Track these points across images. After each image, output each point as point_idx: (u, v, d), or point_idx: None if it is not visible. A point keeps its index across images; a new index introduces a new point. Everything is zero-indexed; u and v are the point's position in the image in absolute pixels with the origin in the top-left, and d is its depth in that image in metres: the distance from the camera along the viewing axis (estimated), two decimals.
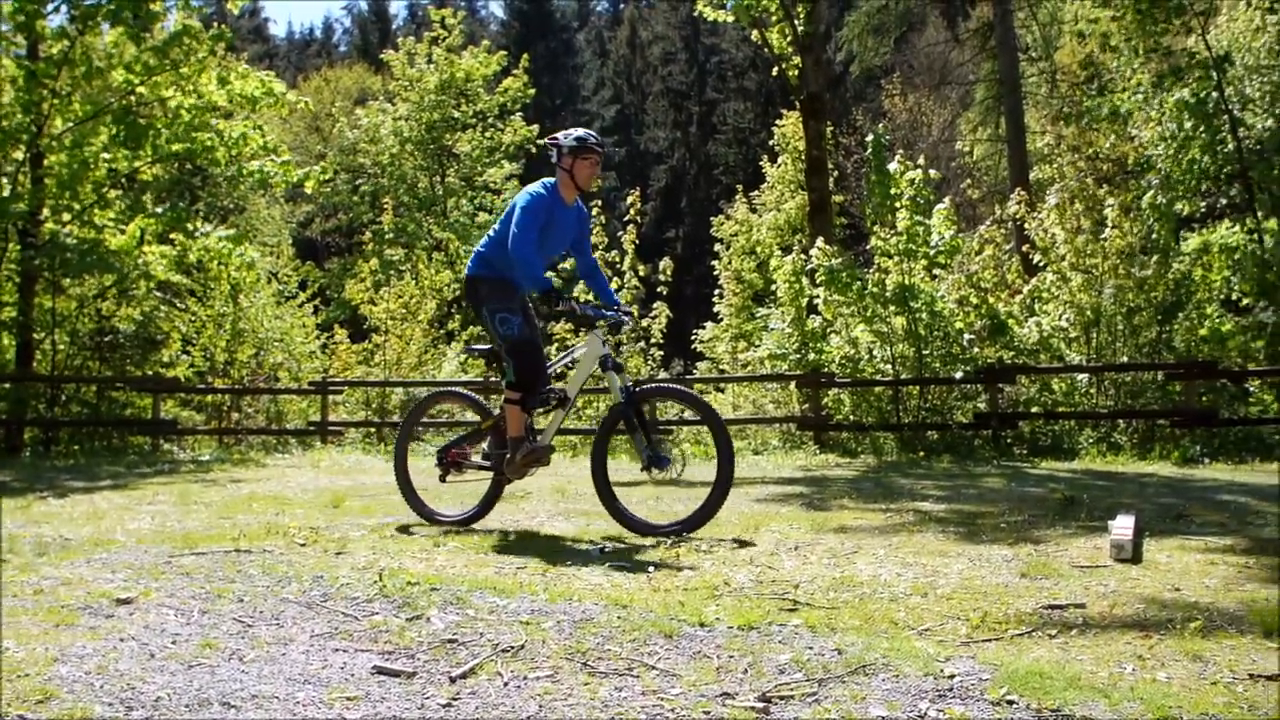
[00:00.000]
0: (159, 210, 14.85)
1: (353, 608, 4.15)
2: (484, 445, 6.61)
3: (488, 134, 28.16)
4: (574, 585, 4.59)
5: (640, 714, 2.95)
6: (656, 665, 3.36)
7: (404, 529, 6.35)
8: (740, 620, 3.85)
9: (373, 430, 15.69)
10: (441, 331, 19.52)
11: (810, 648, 3.51)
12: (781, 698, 3.06)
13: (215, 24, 15.47)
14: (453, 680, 3.24)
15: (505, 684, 3.21)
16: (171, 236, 15.00)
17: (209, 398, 16.55)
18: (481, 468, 6.55)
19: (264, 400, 16.96)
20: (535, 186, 6.30)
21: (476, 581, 4.59)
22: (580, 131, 6.38)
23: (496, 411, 6.51)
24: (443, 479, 6.69)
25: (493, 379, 15.87)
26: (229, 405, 16.53)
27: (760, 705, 2.99)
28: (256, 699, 3.08)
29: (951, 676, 3.20)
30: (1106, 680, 3.18)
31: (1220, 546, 5.29)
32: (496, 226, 6.36)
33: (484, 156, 28.04)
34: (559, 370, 6.86)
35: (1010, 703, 2.98)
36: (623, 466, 8.51)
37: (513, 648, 3.55)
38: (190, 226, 14.58)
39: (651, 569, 4.92)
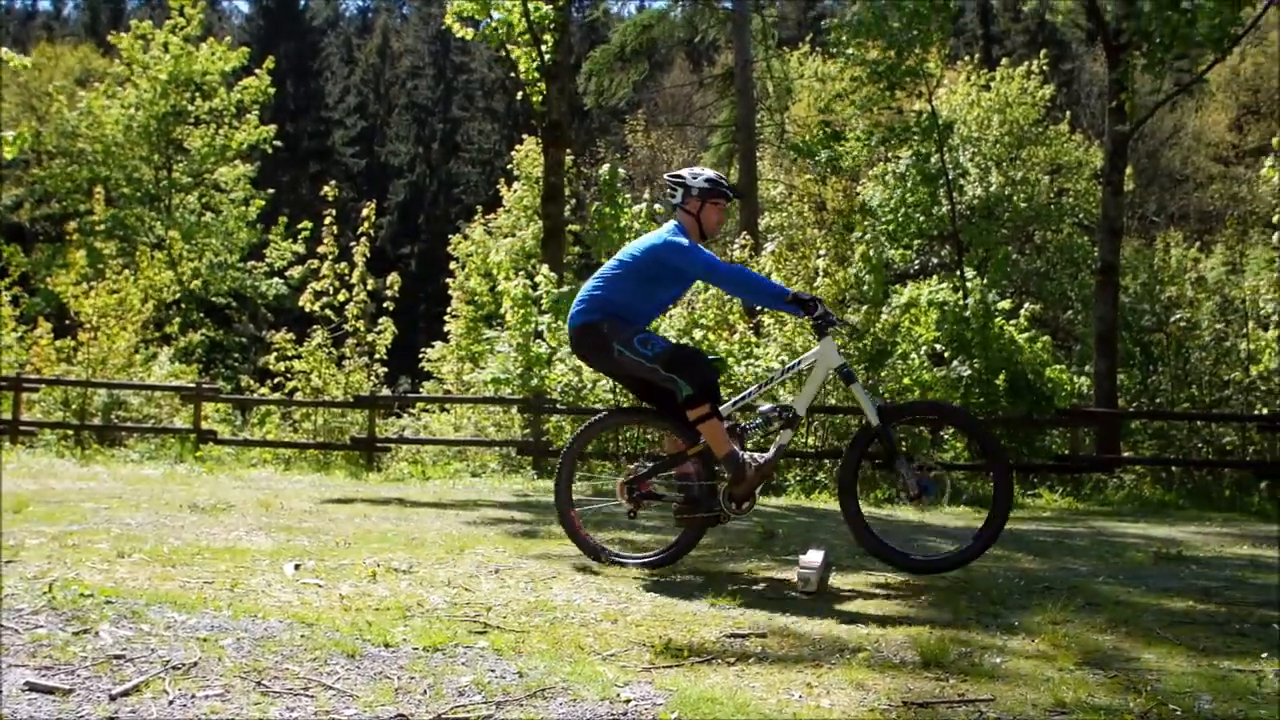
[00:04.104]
0: None
1: (14, 620, 3.88)
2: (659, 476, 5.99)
3: (221, 131, 27.01)
4: (262, 602, 4.44)
5: None
6: (335, 685, 3.29)
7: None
8: (427, 641, 3.81)
9: (70, 433, 14.79)
10: (157, 334, 18.60)
11: (493, 670, 3.52)
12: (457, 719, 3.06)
13: None
14: (113, 698, 3.07)
15: (170, 702, 3.07)
16: None
17: None
18: (681, 502, 5.84)
19: None
20: (670, 230, 5.84)
21: (157, 595, 4.37)
22: (710, 173, 5.95)
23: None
24: (632, 515, 6.05)
25: (201, 385, 15.25)
26: None
27: None
28: None
29: (628, 701, 3.26)
30: (774, 706, 3.31)
31: (899, 583, 5.61)
32: (609, 270, 5.93)
33: (215, 154, 26.86)
34: (769, 390, 6.18)
35: None
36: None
37: (185, 665, 3.40)
38: None
39: (345, 587, 4.82)
